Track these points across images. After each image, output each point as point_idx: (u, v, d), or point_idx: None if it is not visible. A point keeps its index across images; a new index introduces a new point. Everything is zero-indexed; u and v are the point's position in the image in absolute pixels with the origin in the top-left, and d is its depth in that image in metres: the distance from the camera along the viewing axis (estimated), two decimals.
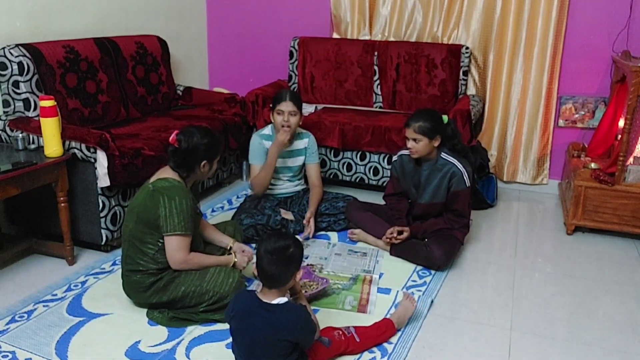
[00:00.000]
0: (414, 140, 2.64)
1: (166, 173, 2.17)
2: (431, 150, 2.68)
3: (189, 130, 2.17)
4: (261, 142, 3.02)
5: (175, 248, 2.11)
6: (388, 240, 2.78)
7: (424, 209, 2.80)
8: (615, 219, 3.06)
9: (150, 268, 2.14)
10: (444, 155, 2.71)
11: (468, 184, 2.68)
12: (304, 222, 2.93)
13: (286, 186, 3.15)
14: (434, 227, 2.77)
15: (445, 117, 2.73)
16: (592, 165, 3.24)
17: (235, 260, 2.30)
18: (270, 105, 2.98)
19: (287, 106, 2.87)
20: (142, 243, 2.13)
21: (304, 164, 3.15)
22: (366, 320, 2.17)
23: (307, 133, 3.16)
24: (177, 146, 2.14)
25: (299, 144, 3.09)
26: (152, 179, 2.17)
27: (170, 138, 2.15)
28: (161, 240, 2.12)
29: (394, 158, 2.93)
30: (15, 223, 2.94)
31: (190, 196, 2.16)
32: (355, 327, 2.04)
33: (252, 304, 1.78)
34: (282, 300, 1.77)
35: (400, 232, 2.76)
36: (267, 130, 3.07)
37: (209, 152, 2.18)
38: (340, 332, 1.99)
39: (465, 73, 3.77)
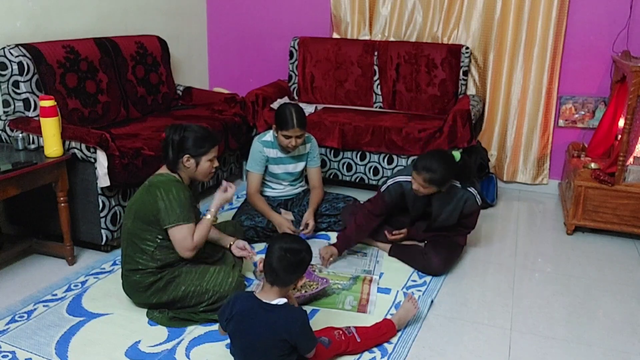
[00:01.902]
0: (422, 186, 2.48)
1: (162, 170, 2.22)
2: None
3: (179, 124, 2.21)
4: (262, 151, 2.97)
5: (182, 238, 2.11)
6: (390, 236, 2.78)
7: (435, 230, 2.74)
8: (615, 219, 3.06)
9: (149, 267, 2.14)
10: (453, 183, 2.59)
11: (480, 203, 2.65)
12: (301, 228, 2.89)
13: (287, 190, 3.14)
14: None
15: (457, 154, 2.55)
16: (592, 165, 3.24)
17: (231, 243, 2.39)
18: (275, 125, 2.88)
19: (294, 132, 2.82)
20: (141, 240, 2.13)
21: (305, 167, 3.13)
22: (366, 320, 2.17)
23: (309, 137, 3.10)
24: (163, 137, 2.19)
25: (301, 149, 3.04)
26: (150, 177, 2.21)
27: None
28: (160, 237, 2.13)
29: (390, 182, 2.67)
30: (15, 223, 2.93)
31: (186, 187, 2.18)
32: (356, 327, 2.04)
33: (251, 304, 1.78)
34: (282, 301, 1.78)
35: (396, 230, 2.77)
36: (269, 136, 3.00)
37: (194, 146, 2.16)
38: (341, 332, 1.99)
39: (465, 73, 3.77)
